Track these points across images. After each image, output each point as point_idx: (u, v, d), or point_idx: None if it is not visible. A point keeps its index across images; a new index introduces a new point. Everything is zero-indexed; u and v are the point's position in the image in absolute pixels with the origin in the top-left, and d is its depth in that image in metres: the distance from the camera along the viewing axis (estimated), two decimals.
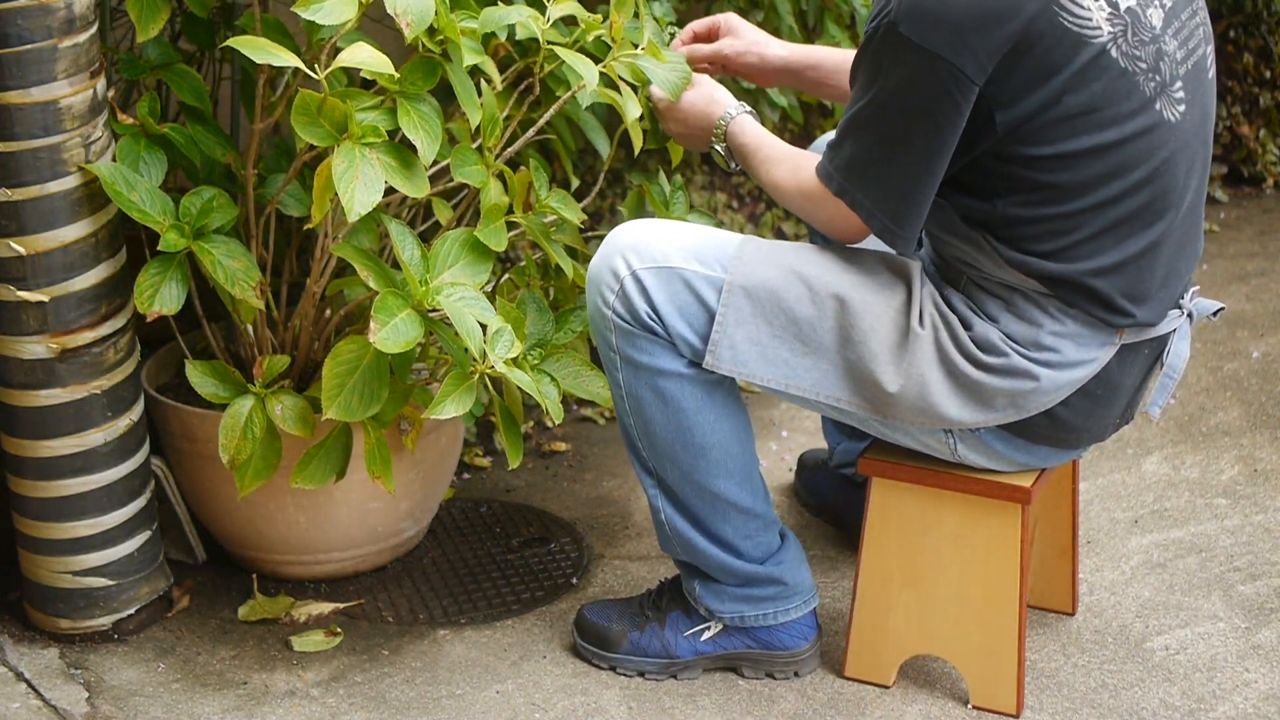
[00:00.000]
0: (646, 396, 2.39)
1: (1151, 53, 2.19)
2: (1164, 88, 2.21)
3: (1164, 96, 2.21)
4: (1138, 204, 2.21)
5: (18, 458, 2.59)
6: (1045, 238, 2.22)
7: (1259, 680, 2.53)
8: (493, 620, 2.75)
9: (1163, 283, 2.29)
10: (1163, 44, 2.21)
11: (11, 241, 2.45)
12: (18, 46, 2.36)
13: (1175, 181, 2.24)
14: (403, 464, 2.74)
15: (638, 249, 2.36)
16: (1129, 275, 2.24)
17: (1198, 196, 2.32)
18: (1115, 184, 2.19)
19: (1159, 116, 2.20)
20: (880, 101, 2.18)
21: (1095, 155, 2.17)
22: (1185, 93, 2.24)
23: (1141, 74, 2.18)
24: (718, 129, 2.50)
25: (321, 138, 2.31)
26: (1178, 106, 2.23)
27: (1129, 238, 2.23)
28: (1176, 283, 2.32)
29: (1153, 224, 2.24)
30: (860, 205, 2.25)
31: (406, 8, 2.27)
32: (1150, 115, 2.19)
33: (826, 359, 2.33)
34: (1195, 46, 2.27)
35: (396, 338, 2.29)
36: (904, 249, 2.27)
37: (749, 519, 2.47)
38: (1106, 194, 2.20)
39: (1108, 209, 2.20)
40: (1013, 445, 2.35)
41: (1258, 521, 2.98)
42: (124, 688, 2.56)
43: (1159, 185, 2.22)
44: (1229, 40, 4.62)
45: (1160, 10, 2.21)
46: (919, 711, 2.49)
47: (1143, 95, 2.18)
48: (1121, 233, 2.22)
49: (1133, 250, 2.23)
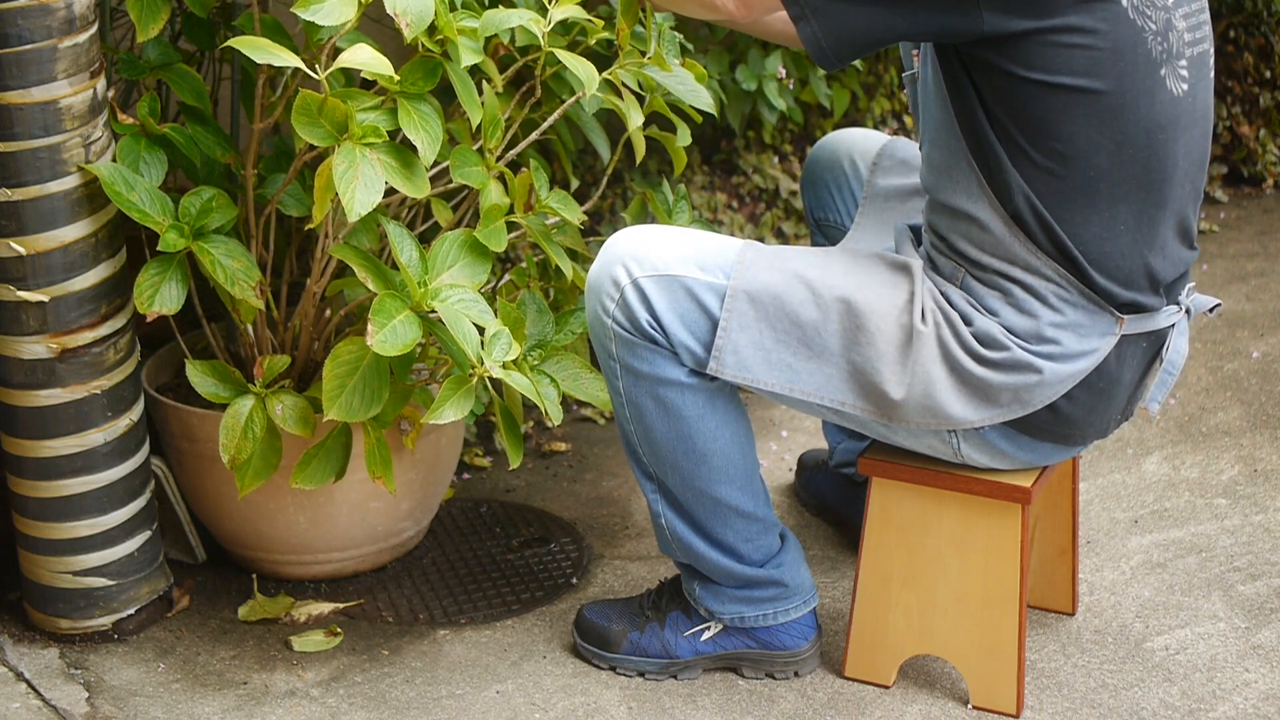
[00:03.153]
0: (647, 404, 2.39)
1: (1162, 20, 2.19)
2: (1170, 58, 2.21)
3: (1169, 66, 2.21)
4: (1136, 168, 2.21)
5: (18, 458, 2.59)
6: (1045, 190, 2.21)
7: (1259, 680, 2.53)
8: (493, 620, 2.75)
9: (1150, 261, 2.27)
10: (1173, 17, 2.21)
11: (11, 241, 2.45)
12: (18, 46, 2.36)
13: (1174, 159, 2.24)
14: (403, 464, 2.74)
15: (638, 256, 2.35)
16: (1116, 243, 2.24)
17: (1195, 188, 2.32)
18: (1114, 139, 2.19)
19: (1164, 84, 2.20)
20: None
21: (1094, 96, 2.16)
22: (1189, 74, 2.24)
23: (1150, 34, 2.18)
24: None
25: (322, 138, 2.31)
26: (1181, 84, 2.23)
27: (1122, 202, 2.22)
28: (1170, 269, 2.31)
29: (1140, 191, 2.23)
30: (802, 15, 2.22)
31: (406, 8, 2.27)
32: (1155, 79, 2.19)
33: (831, 362, 2.32)
34: (1200, 38, 2.28)
35: (394, 340, 2.29)
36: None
37: (750, 523, 2.46)
38: (1105, 147, 2.19)
39: (1097, 158, 2.20)
40: (1017, 443, 2.35)
41: (1258, 521, 2.98)
42: (124, 688, 2.56)
43: (1157, 156, 2.22)
44: (1229, 40, 4.62)
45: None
46: (919, 711, 2.49)
47: (1149, 55, 2.18)
48: (1116, 194, 2.21)
49: (1126, 218, 2.23)
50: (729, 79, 3.72)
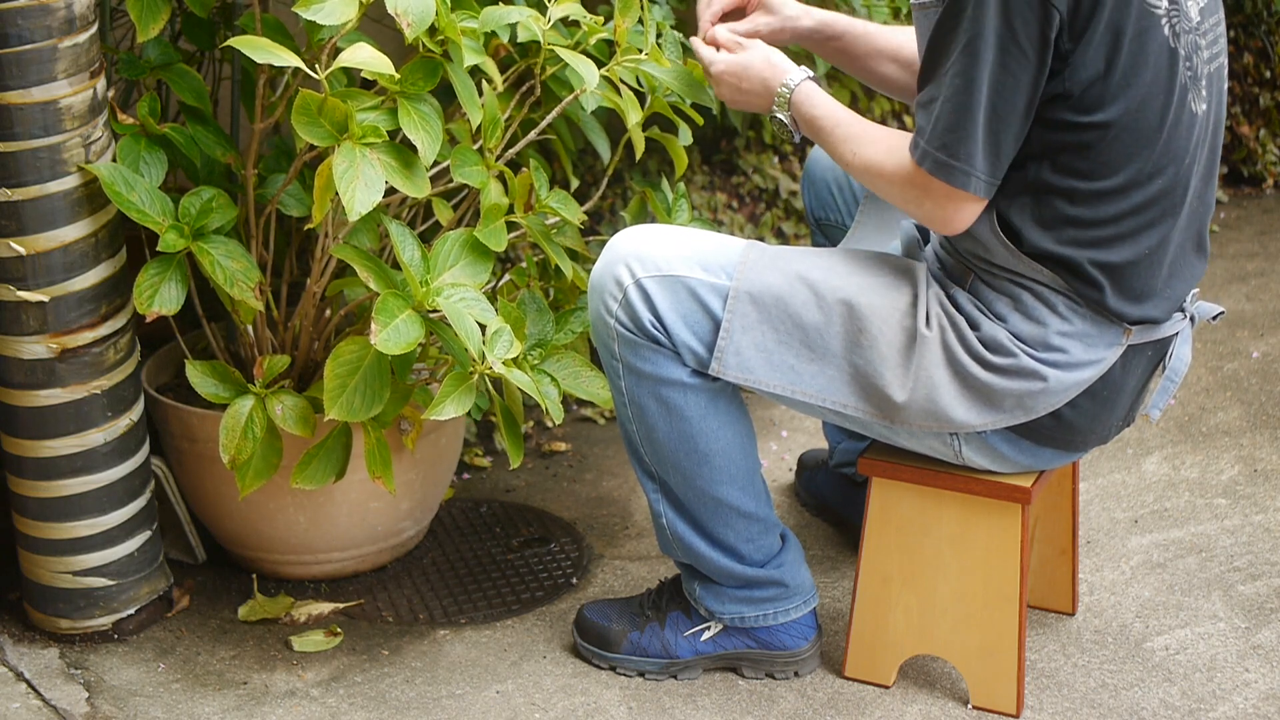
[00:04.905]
0: (649, 404, 2.39)
1: (1190, 43, 2.20)
2: (1195, 80, 2.22)
3: (1194, 88, 2.22)
4: (1157, 191, 2.21)
5: (18, 458, 2.59)
6: (1067, 220, 2.20)
7: (1259, 680, 2.53)
8: (493, 620, 2.75)
9: (1168, 281, 2.29)
10: (1198, 38, 2.22)
11: (11, 241, 2.45)
12: (18, 46, 2.36)
13: (1189, 177, 2.24)
14: (403, 464, 2.74)
15: (640, 257, 2.35)
16: (1140, 269, 2.24)
17: (1205, 202, 2.32)
18: (1143, 165, 2.19)
19: (1188, 106, 2.21)
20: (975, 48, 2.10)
21: (1132, 131, 2.16)
22: (1207, 93, 2.25)
23: (1181, 59, 2.18)
24: (780, 97, 2.38)
25: (322, 138, 2.31)
26: (1201, 104, 2.23)
27: (1144, 231, 2.22)
28: (1181, 285, 2.32)
29: (1165, 217, 2.23)
30: (958, 173, 2.16)
31: (407, 7, 2.27)
32: (1182, 103, 2.20)
33: (833, 364, 2.32)
34: (1218, 53, 2.28)
35: (397, 339, 2.29)
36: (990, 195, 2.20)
37: (750, 523, 2.46)
38: (1132, 174, 2.18)
39: (1131, 193, 2.19)
40: (1018, 447, 2.35)
41: (1258, 521, 2.98)
42: (124, 688, 2.56)
43: (1177, 177, 2.22)
44: (1229, 40, 4.62)
45: (1197, 6, 2.22)
46: (919, 711, 2.49)
47: (1180, 80, 2.19)
48: (1140, 221, 2.21)
49: (1145, 245, 2.23)
50: None
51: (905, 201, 2.25)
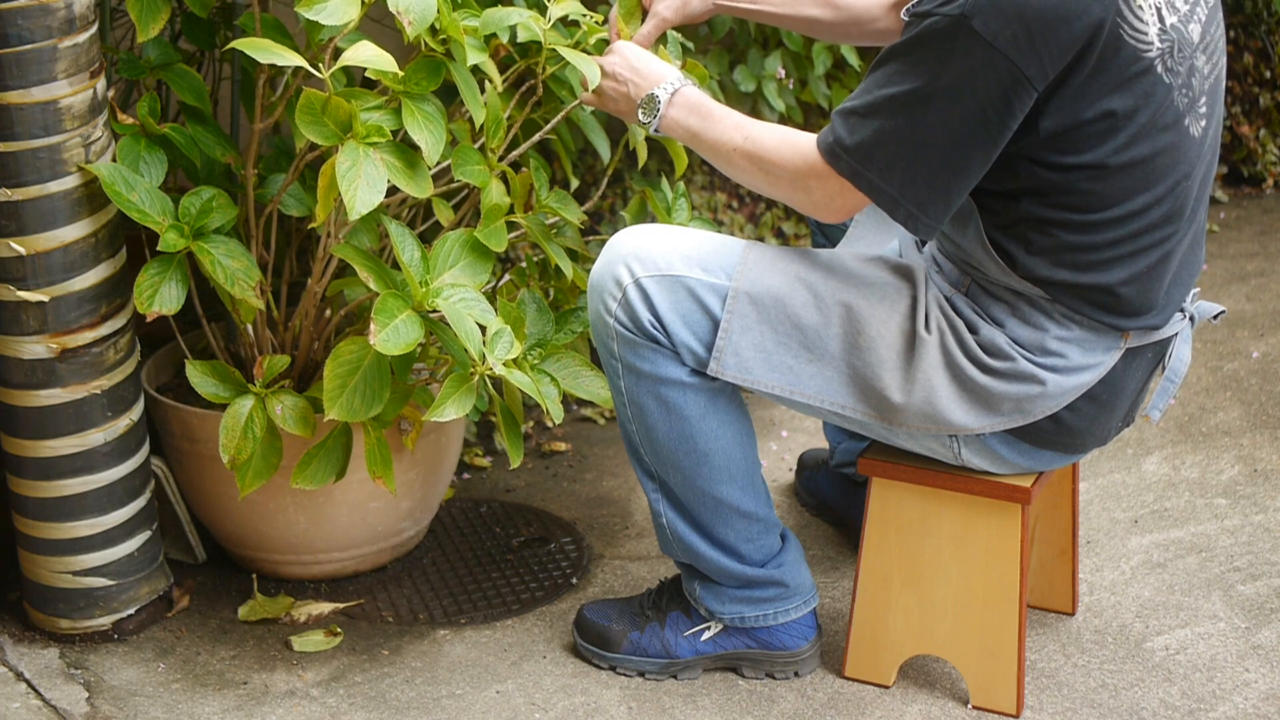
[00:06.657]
0: (649, 404, 2.39)
1: (1186, 69, 2.18)
2: (1192, 104, 2.20)
3: (1191, 112, 2.20)
4: (1157, 216, 2.20)
5: (18, 458, 2.59)
6: (1062, 246, 2.20)
7: (1259, 680, 2.53)
8: (493, 620, 2.75)
9: (1169, 290, 2.29)
10: (1195, 60, 2.20)
11: (11, 241, 2.45)
12: (18, 46, 2.36)
13: (1190, 195, 2.24)
14: (403, 464, 2.74)
15: (640, 256, 2.35)
16: (1140, 285, 2.24)
17: (1204, 206, 2.33)
18: (1141, 198, 2.18)
19: (1185, 132, 2.20)
20: (927, 93, 2.09)
21: (1127, 169, 2.15)
22: (1207, 108, 2.24)
23: (1176, 90, 2.16)
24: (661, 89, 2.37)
25: (326, 137, 2.31)
26: (1200, 122, 2.22)
27: (1144, 252, 2.21)
28: (1181, 290, 2.32)
29: (1168, 237, 2.23)
30: (880, 191, 2.16)
31: (408, 6, 2.27)
32: (1179, 131, 2.18)
33: (832, 365, 2.32)
34: (1217, 61, 2.27)
35: (397, 340, 2.29)
36: (925, 235, 2.21)
37: (750, 523, 2.46)
38: (1131, 207, 2.18)
39: (1129, 221, 2.19)
40: (1017, 450, 2.35)
41: (1258, 521, 2.98)
42: (124, 688, 2.56)
43: (1177, 199, 2.21)
44: (1229, 40, 4.62)
45: (1198, 25, 2.20)
46: (919, 711, 2.49)
47: (1176, 111, 2.17)
48: (1139, 244, 2.21)
49: (1145, 264, 2.23)
50: (728, 79, 3.72)
51: (793, 187, 2.24)
